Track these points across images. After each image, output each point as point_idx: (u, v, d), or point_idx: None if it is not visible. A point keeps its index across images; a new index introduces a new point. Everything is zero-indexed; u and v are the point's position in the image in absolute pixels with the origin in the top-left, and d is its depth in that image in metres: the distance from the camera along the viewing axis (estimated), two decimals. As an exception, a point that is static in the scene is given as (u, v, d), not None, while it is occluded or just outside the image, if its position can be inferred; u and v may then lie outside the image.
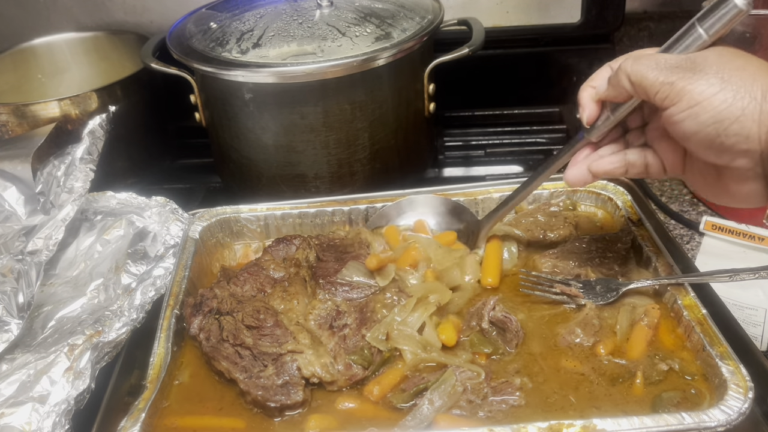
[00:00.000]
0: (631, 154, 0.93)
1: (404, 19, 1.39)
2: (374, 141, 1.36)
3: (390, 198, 1.26)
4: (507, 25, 1.67)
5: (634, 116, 0.94)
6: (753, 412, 0.84)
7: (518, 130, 1.71)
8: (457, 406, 0.90)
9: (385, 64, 1.29)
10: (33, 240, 1.14)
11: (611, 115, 0.92)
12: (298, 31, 1.35)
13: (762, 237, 1.19)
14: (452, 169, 1.61)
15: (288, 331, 0.99)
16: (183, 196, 1.48)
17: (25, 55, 1.69)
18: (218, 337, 1.00)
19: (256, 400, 0.92)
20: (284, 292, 1.06)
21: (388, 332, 0.99)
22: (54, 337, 1.06)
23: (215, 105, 1.38)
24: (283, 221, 1.26)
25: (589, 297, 1.05)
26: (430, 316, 1.01)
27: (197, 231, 1.21)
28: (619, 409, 0.88)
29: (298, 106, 1.30)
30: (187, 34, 1.41)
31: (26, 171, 1.27)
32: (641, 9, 1.87)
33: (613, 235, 1.16)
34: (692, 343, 0.95)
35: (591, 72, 0.95)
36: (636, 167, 0.93)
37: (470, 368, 0.94)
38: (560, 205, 1.27)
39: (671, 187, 1.53)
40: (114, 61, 1.71)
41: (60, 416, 0.91)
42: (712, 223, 1.24)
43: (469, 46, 1.37)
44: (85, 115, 1.43)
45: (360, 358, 0.97)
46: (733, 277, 0.97)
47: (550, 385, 0.93)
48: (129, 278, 1.17)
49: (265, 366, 0.95)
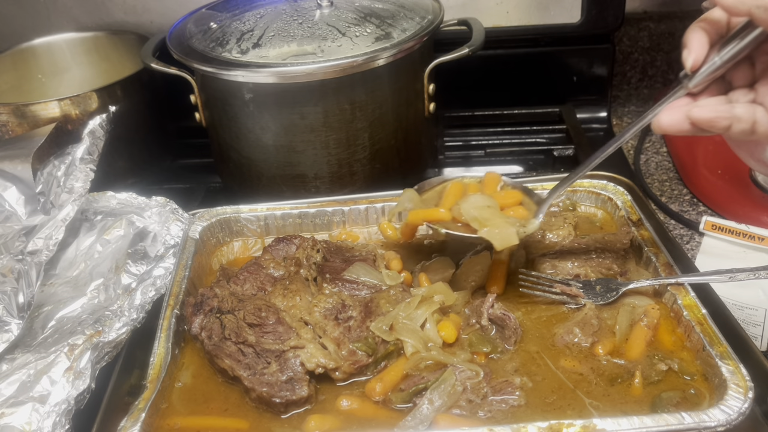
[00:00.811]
0: (740, 108, 0.82)
1: (404, 19, 1.39)
2: (374, 141, 1.36)
3: (390, 198, 1.26)
4: (507, 25, 1.67)
5: (742, 71, 0.85)
6: (753, 412, 0.84)
7: (518, 130, 1.71)
8: (457, 405, 0.90)
9: (385, 64, 1.29)
10: (33, 240, 1.15)
11: (719, 59, 0.82)
12: (298, 31, 1.35)
13: (762, 237, 1.19)
14: (452, 169, 1.61)
15: (290, 328, 1.00)
16: (183, 196, 1.48)
17: (25, 55, 1.70)
18: (220, 335, 1.00)
19: (261, 396, 0.92)
20: (285, 290, 1.06)
21: (392, 324, 1.01)
22: (54, 337, 1.06)
23: (215, 105, 1.38)
24: (283, 221, 1.26)
25: (588, 297, 1.05)
26: (432, 314, 1.02)
27: (197, 231, 1.21)
28: (618, 410, 0.88)
29: (298, 106, 1.30)
30: (187, 34, 1.41)
31: (26, 171, 1.27)
32: (641, 9, 1.87)
33: (612, 235, 1.16)
34: (692, 342, 0.95)
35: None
36: (742, 123, 0.82)
37: (469, 367, 0.94)
38: (560, 205, 1.27)
39: (671, 187, 1.53)
40: (114, 61, 1.71)
41: (60, 416, 0.91)
42: (712, 223, 1.24)
43: (469, 46, 1.38)
44: (85, 115, 1.44)
45: (364, 345, 0.98)
46: (733, 277, 0.97)
47: (549, 384, 0.93)
48: (129, 278, 1.17)
49: (269, 363, 0.96)
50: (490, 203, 1.07)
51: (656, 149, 1.67)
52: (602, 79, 1.74)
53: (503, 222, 1.03)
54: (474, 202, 1.07)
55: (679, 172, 1.56)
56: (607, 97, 1.77)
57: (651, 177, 1.57)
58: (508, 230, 1.02)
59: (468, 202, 1.07)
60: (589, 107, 1.76)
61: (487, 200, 1.07)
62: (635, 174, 1.55)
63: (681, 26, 1.83)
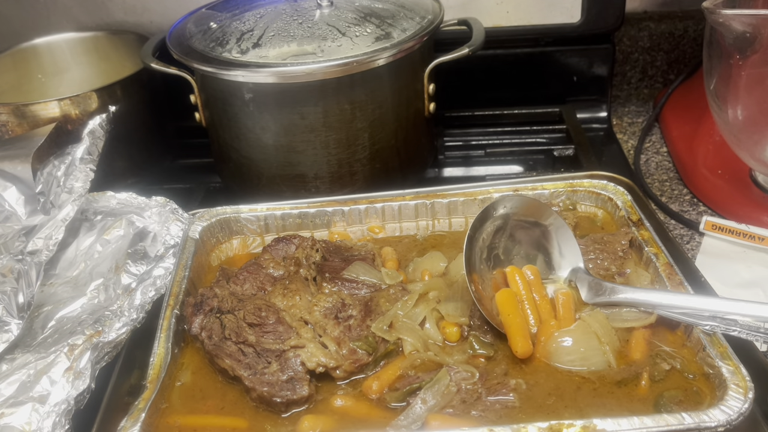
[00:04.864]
0: None
1: (404, 19, 1.39)
2: (374, 141, 1.36)
3: (390, 198, 1.27)
4: (507, 25, 1.67)
5: None
6: (753, 412, 0.84)
7: (518, 130, 1.71)
8: (450, 405, 0.90)
9: (385, 64, 1.29)
10: (33, 240, 1.15)
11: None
12: (298, 31, 1.35)
13: (762, 237, 1.19)
14: (452, 169, 1.61)
15: (290, 328, 1.00)
16: (183, 196, 1.48)
17: (25, 55, 1.69)
18: (220, 335, 1.00)
19: (262, 396, 0.93)
20: (285, 290, 1.06)
21: (392, 322, 1.01)
22: (54, 337, 1.06)
23: (215, 105, 1.38)
24: (283, 221, 1.26)
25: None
26: (431, 311, 1.03)
27: (197, 231, 1.21)
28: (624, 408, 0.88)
29: (298, 106, 1.30)
30: (187, 34, 1.41)
31: (26, 171, 1.27)
32: (641, 9, 1.87)
33: (611, 235, 1.16)
34: (692, 342, 0.95)
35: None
36: None
37: (465, 368, 0.94)
38: (560, 205, 1.27)
39: (671, 187, 1.53)
40: (114, 61, 1.71)
41: (60, 416, 0.91)
42: (712, 223, 1.24)
43: (469, 46, 1.37)
44: (85, 115, 1.43)
45: (364, 344, 0.98)
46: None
47: (546, 386, 0.93)
48: (129, 278, 1.17)
49: (269, 362, 0.96)
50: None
51: (656, 149, 1.67)
52: (602, 79, 1.74)
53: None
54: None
55: (679, 172, 1.56)
56: (607, 97, 1.77)
57: (651, 177, 1.56)
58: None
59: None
60: (589, 107, 1.76)
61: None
62: (635, 174, 1.55)
63: (681, 26, 1.84)
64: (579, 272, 1.07)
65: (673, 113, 1.70)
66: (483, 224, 1.09)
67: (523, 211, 1.12)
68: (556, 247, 1.11)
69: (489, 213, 1.09)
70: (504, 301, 1.00)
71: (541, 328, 0.99)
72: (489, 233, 1.09)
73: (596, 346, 0.96)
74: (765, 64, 1.23)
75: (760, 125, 1.27)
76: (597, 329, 0.97)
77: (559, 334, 0.97)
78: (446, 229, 1.26)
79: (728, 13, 1.17)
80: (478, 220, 1.07)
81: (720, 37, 1.25)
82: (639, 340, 0.97)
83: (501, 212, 1.11)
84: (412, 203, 1.27)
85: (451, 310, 1.03)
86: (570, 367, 0.95)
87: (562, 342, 0.97)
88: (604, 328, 0.97)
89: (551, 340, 0.97)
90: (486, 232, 1.09)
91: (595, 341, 0.96)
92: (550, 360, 0.96)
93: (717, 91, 1.31)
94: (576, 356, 0.95)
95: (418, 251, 1.21)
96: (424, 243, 1.23)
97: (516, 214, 1.11)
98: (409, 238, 1.24)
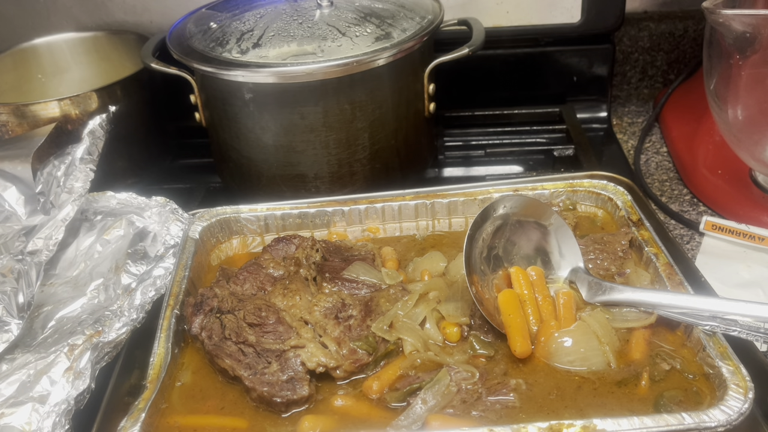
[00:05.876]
0: None
1: (404, 19, 1.39)
2: (374, 141, 1.36)
3: (390, 198, 1.27)
4: (507, 25, 1.67)
5: None
6: (753, 412, 0.84)
7: (518, 130, 1.71)
8: (450, 405, 0.90)
9: (385, 64, 1.29)
10: (33, 240, 1.15)
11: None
12: (298, 31, 1.35)
13: (762, 237, 1.19)
14: (452, 169, 1.61)
15: (290, 328, 1.00)
16: (183, 196, 1.49)
17: (25, 55, 1.69)
18: (220, 335, 1.00)
19: (262, 396, 0.93)
20: (285, 290, 1.06)
21: (392, 322, 1.01)
22: (54, 337, 1.06)
23: (215, 105, 1.38)
24: (283, 221, 1.26)
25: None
26: (431, 311, 1.03)
27: (197, 231, 1.21)
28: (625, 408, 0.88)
29: (298, 106, 1.30)
30: (187, 34, 1.41)
31: (26, 171, 1.27)
32: (641, 9, 1.87)
33: (611, 235, 1.16)
34: (692, 342, 0.95)
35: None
36: None
37: (465, 368, 0.94)
38: (560, 205, 1.27)
39: (671, 187, 1.53)
40: (114, 61, 1.71)
41: (60, 416, 0.91)
42: (712, 223, 1.24)
43: (469, 46, 1.38)
44: (85, 115, 1.43)
45: (365, 344, 0.98)
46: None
47: (546, 386, 0.93)
48: (129, 278, 1.17)
49: (269, 362, 0.96)
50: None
51: (656, 149, 1.67)
52: (602, 79, 1.74)
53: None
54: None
55: (679, 172, 1.56)
56: (607, 97, 1.77)
57: (651, 177, 1.56)
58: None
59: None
60: (589, 107, 1.76)
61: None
62: (635, 174, 1.55)
63: (681, 26, 1.84)
64: (579, 272, 1.07)
65: (673, 113, 1.70)
66: (483, 224, 1.09)
67: (523, 211, 1.12)
68: (556, 247, 1.11)
69: (489, 213, 1.09)
70: (506, 301, 1.01)
71: (542, 328, 0.99)
72: (489, 233, 1.09)
73: (596, 346, 0.96)
74: (765, 64, 1.23)
75: (760, 125, 1.27)
76: (597, 329, 0.97)
77: (559, 334, 0.97)
78: (446, 229, 1.27)
79: (728, 13, 1.17)
80: (478, 220, 1.07)
81: (720, 37, 1.25)
82: (639, 340, 0.97)
83: (501, 212, 1.11)
84: (412, 203, 1.27)
85: (452, 310, 1.03)
86: (570, 367, 0.95)
87: (562, 342, 0.97)
88: (604, 329, 0.97)
89: (551, 340, 0.97)
90: (486, 232, 1.09)
91: (595, 341, 0.96)
92: (550, 360, 0.96)
93: (717, 91, 1.31)
94: (576, 356, 0.95)
95: (417, 251, 1.21)
96: (423, 243, 1.23)
97: (516, 214, 1.11)
98: (408, 238, 1.25)
